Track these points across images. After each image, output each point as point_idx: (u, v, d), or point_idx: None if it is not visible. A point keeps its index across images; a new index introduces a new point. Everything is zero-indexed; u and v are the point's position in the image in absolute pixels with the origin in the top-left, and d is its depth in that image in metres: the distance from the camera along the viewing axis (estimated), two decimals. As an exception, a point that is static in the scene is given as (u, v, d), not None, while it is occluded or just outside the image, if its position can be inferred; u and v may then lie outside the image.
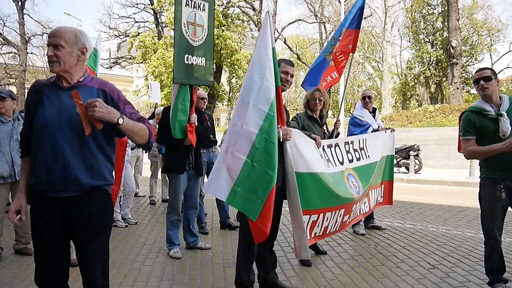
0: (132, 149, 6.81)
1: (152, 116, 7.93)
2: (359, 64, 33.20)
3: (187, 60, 4.19)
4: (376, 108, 5.70)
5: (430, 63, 28.88)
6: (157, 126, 7.54)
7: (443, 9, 27.69)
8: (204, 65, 4.38)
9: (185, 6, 4.10)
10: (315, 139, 3.67)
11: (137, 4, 32.26)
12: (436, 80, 28.65)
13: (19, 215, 2.23)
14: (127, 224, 5.94)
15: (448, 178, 11.41)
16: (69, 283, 3.68)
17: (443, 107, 18.99)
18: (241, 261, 3.37)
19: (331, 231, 3.70)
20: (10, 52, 33.31)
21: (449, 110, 17.97)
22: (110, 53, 40.83)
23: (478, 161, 3.64)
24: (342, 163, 3.99)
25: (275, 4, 28.86)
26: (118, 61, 37.04)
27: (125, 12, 43.77)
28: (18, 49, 30.83)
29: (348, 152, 4.19)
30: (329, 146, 3.95)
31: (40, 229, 2.19)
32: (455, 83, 21.39)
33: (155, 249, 4.78)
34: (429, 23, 30.19)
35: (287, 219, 6.46)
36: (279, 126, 3.06)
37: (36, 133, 2.13)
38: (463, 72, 27.05)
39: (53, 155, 2.10)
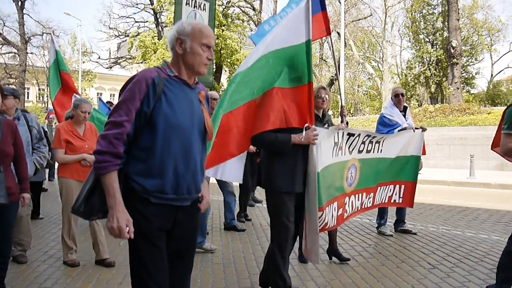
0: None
1: None
2: (359, 64, 33.18)
3: None
4: (407, 107, 5.43)
5: (430, 63, 28.88)
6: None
7: (443, 9, 27.71)
8: None
9: (186, 5, 4.10)
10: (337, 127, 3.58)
11: (137, 4, 32.33)
12: (436, 80, 28.65)
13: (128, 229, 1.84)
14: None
15: (448, 178, 11.41)
16: (69, 283, 3.70)
17: (443, 107, 19.00)
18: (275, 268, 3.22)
19: (330, 226, 3.55)
20: (10, 52, 33.34)
21: (449, 110, 17.98)
22: (110, 53, 40.89)
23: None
24: (350, 153, 3.84)
25: (275, 4, 28.85)
26: (118, 61, 37.10)
27: (125, 12, 43.93)
28: (18, 49, 30.87)
29: (363, 142, 3.99)
30: (350, 135, 3.78)
31: (159, 242, 1.94)
32: (455, 83, 21.40)
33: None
34: (429, 23, 30.20)
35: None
36: (307, 126, 3.01)
37: (161, 134, 1.86)
38: (463, 72, 27.07)
39: (186, 161, 1.93)
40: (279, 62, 3.10)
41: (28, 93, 37.04)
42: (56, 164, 4.59)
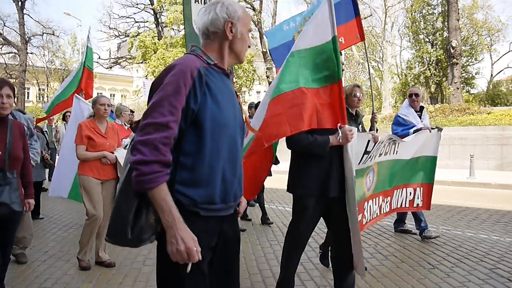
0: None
1: None
2: (359, 64, 33.17)
3: None
4: (423, 107, 5.32)
5: (430, 63, 28.88)
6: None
7: (443, 9, 27.70)
8: None
9: (195, 2, 4.05)
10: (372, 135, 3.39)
11: (137, 4, 32.32)
12: (436, 80, 28.65)
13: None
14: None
15: (448, 178, 11.40)
16: (69, 283, 3.70)
17: (443, 107, 18.99)
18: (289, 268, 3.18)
19: None
20: (10, 52, 33.31)
21: (449, 110, 17.97)
22: (110, 53, 40.85)
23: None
24: (374, 158, 3.63)
25: (275, 4, 28.84)
26: (118, 61, 37.06)
27: (125, 12, 43.91)
28: (18, 49, 30.84)
29: (384, 146, 3.82)
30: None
31: (205, 267, 1.64)
32: (455, 83, 21.38)
33: (155, 249, 4.76)
34: (429, 23, 30.19)
35: (285, 220, 6.46)
36: (339, 125, 2.89)
37: (209, 135, 1.59)
38: (463, 72, 27.05)
39: (232, 164, 1.68)
40: (306, 62, 3.02)
41: (28, 93, 37.00)
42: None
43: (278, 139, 3.06)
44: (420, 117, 5.13)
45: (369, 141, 3.27)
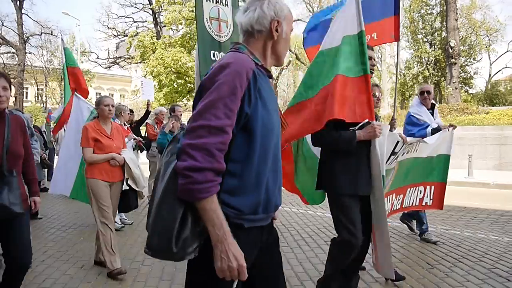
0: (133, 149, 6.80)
1: (146, 115, 7.82)
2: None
3: (214, 56, 4.01)
4: (435, 105, 5.05)
5: (429, 63, 28.93)
6: (155, 126, 7.58)
7: (441, 9, 27.73)
8: None
9: (206, 1, 4.00)
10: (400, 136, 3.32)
11: (135, 4, 32.27)
12: (435, 80, 28.68)
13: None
14: (123, 225, 5.89)
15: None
16: (68, 283, 3.69)
17: (442, 107, 18.99)
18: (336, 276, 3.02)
19: None
20: (9, 52, 33.24)
21: (447, 110, 18.00)
22: (108, 52, 40.86)
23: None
24: (397, 159, 3.61)
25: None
26: (117, 61, 37.10)
27: (124, 12, 43.91)
28: (17, 49, 30.79)
29: (409, 146, 3.78)
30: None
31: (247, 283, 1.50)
32: (454, 83, 21.42)
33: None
34: (427, 23, 30.22)
35: (283, 220, 6.47)
36: (367, 122, 2.82)
37: (259, 141, 1.48)
38: (461, 72, 27.06)
39: (274, 173, 1.57)
40: (335, 55, 2.98)
41: (26, 93, 36.96)
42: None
43: (300, 137, 3.05)
44: (432, 115, 4.95)
45: (398, 142, 3.22)
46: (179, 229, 1.36)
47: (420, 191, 4.23)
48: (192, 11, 24.46)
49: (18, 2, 29.69)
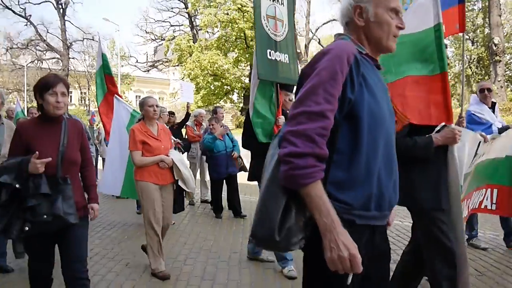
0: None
1: (187, 117, 7.88)
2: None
3: (270, 55, 3.94)
4: (495, 103, 4.74)
5: (471, 61, 27.87)
6: (195, 128, 7.70)
7: (483, 5, 26.67)
8: (288, 62, 4.12)
9: None
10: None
11: (172, 8, 33.04)
12: (478, 79, 27.55)
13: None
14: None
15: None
16: (114, 280, 3.78)
17: (486, 106, 18.24)
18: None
19: None
20: (54, 58, 34.89)
21: (492, 110, 17.25)
22: (147, 56, 41.92)
23: None
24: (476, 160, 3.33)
25: (309, 5, 28.71)
26: (155, 64, 38.00)
27: (161, 16, 44.78)
28: (61, 54, 32.26)
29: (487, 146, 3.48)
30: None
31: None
32: (499, 81, 20.51)
33: (196, 248, 4.84)
34: (468, 20, 29.12)
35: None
36: (444, 125, 2.58)
37: (366, 130, 1.39)
38: (506, 70, 25.91)
39: (388, 165, 1.47)
40: (407, 48, 2.71)
41: (71, 96, 38.62)
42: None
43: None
44: (493, 113, 4.62)
45: (480, 142, 3.02)
46: (282, 218, 1.31)
47: (482, 193, 3.85)
48: (227, 13, 24.72)
49: (61, 10, 31.06)
